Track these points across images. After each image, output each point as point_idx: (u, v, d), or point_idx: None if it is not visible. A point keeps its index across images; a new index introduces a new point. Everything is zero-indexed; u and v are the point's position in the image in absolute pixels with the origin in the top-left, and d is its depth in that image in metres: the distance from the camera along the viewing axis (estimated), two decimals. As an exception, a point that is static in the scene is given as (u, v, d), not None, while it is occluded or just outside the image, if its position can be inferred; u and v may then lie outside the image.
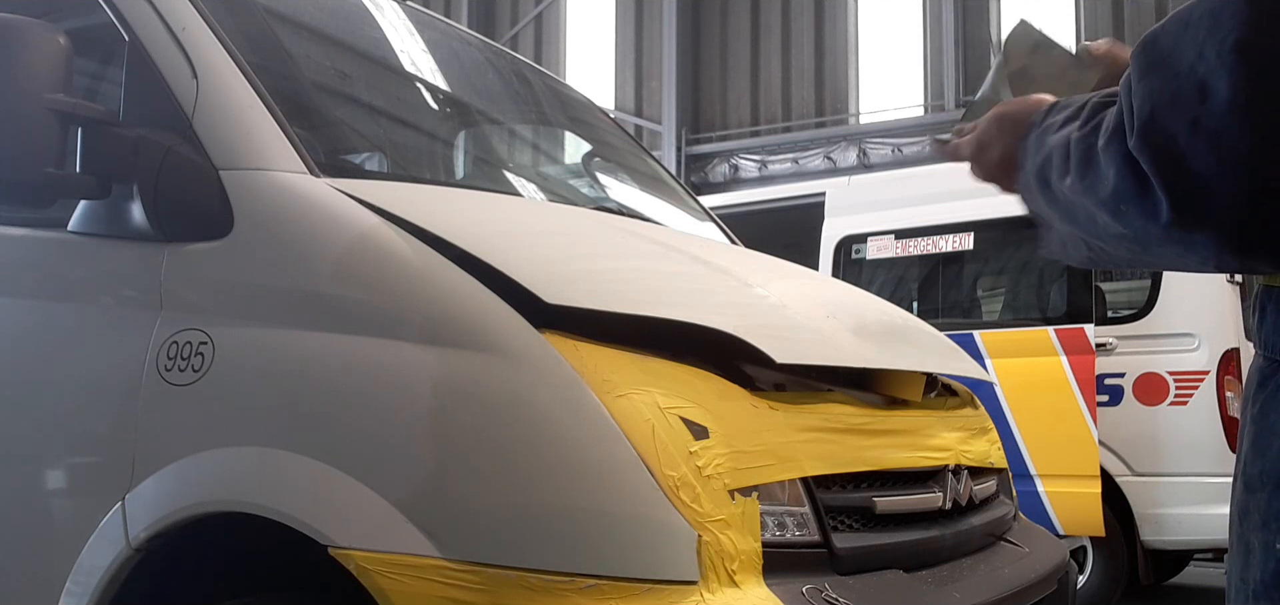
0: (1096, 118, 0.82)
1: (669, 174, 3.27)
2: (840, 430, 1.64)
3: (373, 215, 1.61)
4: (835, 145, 15.45)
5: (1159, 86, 0.73)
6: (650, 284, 1.76)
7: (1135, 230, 0.78)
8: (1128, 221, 0.78)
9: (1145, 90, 0.74)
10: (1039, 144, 0.91)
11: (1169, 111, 0.72)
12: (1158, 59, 0.74)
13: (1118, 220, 0.79)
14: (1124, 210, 0.77)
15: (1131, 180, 0.75)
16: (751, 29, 16.55)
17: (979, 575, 1.79)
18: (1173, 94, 0.72)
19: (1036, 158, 0.90)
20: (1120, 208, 0.77)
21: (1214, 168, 0.70)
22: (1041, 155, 0.89)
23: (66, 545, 1.65)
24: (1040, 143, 0.90)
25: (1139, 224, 0.77)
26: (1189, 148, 0.71)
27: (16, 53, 1.67)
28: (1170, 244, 0.76)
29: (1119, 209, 0.78)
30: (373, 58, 2.52)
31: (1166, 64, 0.73)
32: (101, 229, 1.80)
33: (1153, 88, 0.73)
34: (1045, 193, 0.89)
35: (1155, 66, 0.74)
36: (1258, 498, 0.80)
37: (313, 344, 1.55)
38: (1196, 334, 5.02)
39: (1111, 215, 0.79)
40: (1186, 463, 5.00)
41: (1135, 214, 0.76)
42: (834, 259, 5.99)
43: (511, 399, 1.42)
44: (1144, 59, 0.75)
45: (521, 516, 1.37)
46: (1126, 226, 0.78)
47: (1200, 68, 0.70)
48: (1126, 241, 0.81)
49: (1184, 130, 0.71)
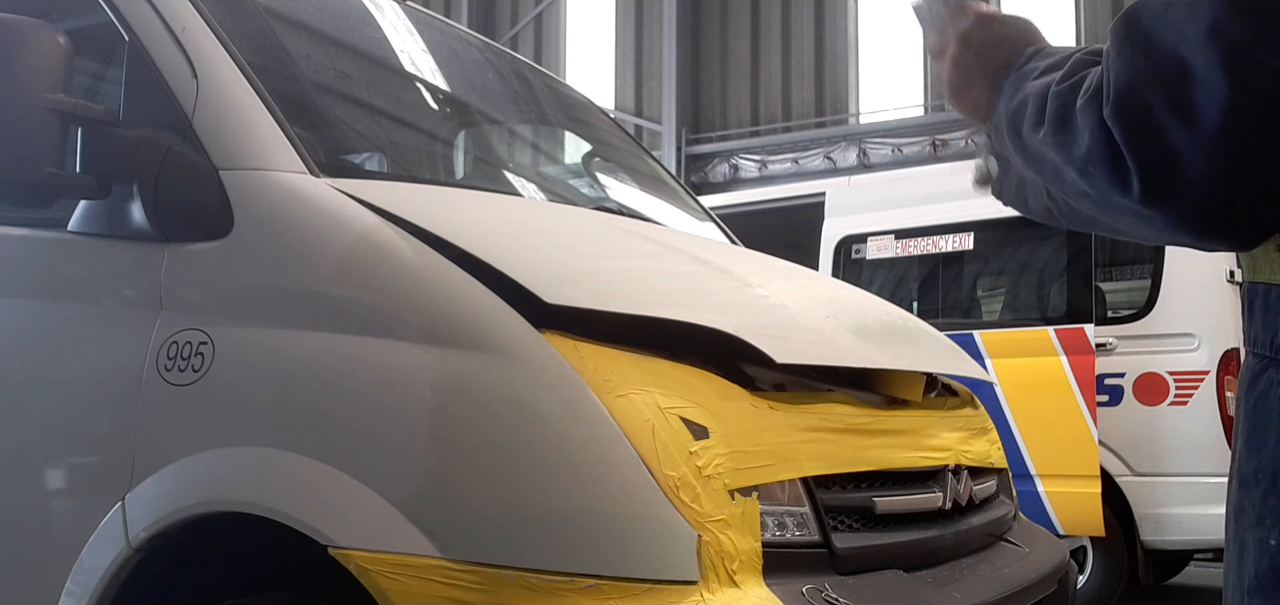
0: (1078, 75, 0.83)
1: (669, 174, 3.27)
2: (840, 430, 1.64)
3: (373, 215, 1.61)
4: (835, 145, 15.45)
5: (1138, 60, 0.74)
6: (650, 284, 1.76)
7: (1099, 192, 0.79)
8: (1094, 184, 0.79)
9: (1123, 62, 0.75)
10: (1016, 87, 0.91)
11: (1145, 86, 0.73)
12: (1139, 34, 0.74)
13: (1084, 180, 0.80)
14: (1092, 173, 0.79)
15: (1104, 146, 0.76)
16: (751, 29, 16.55)
17: (979, 575, 1.79)
18: (1151, 69, 0.73)
19: (1012, 101, 0.90)
20: (1089, 169, 0.79)
21: (1185, 145, 0.71)
22: (1017, 99, 0.90)
23: (66, 545, 1.65)
24: (1017, 86, 0.90)
25: (1103, 188, 0.78)
26: (1163, 123, 0.72)
27: (16, 53, 1.67)
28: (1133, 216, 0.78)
29: (1087, 170, 0.79)
30: (373, 58, 2.52)
31: (1147, 40, 0.73)
32: (101, 229, 1.80)
33: (1131, 60, 0.74)
34: (1014, 138, 0.90)
35: (1135, 41, 0.74)
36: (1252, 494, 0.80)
37: (313, 344, 1.55)
38: (1196, 334, 5.01)
39: (1079, 174, 0.80)
40: (1186, 463, 5.00)
41: (1102, 178, 0.78)
42: (834, 259, 5.99)
43: (511, 399, 1.42)
44: (1124, 32, 0.76)
45: (521, 516, 1.37)
46: (1092, 187, 0.80)
47: (1180, 47, 0.71)
48: (1089, 200, 0.82)
49: (1159, 105, 0.72)
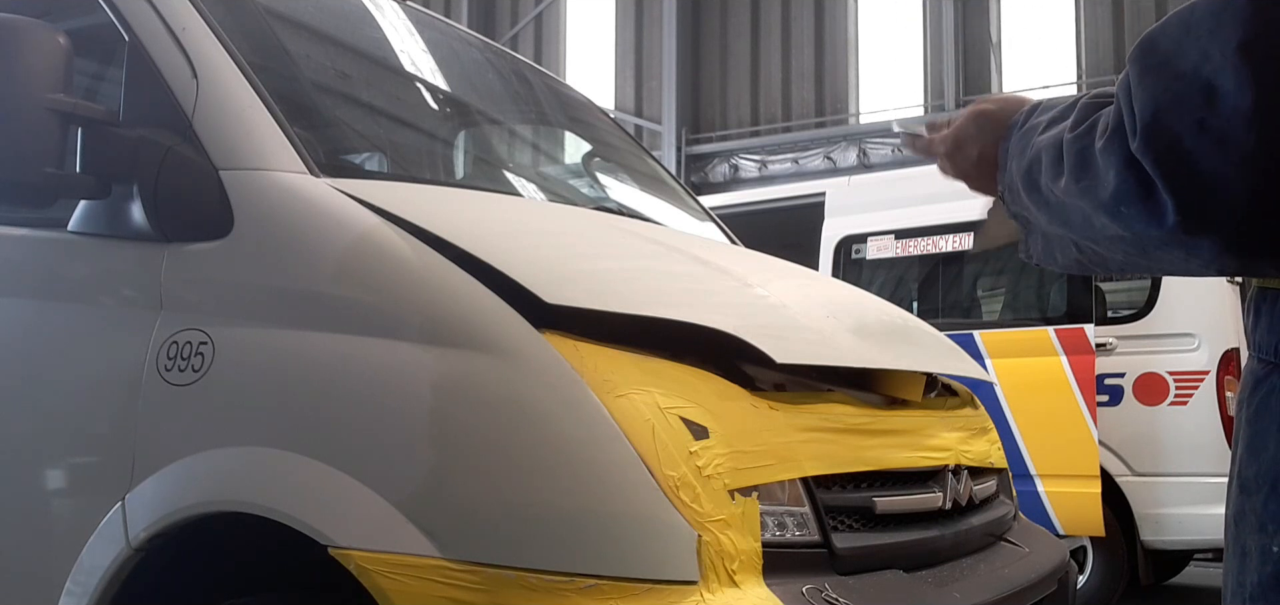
0: (1090, 118, 0.82)
1: (669, 174, 3.27)
2: (840, 430, 1.64)
3: (373, 215, 1.61)
4: (835, 145, 15.45)
5: (1161, 88, 0.72)
6: (650, 284, 1.76)
7: (1135, 232, 0.77)
8: (1127, 224, 0.77)
9: (1146, 92, 0.73)
10: (1023, 144, 0.90)
11: (1173, 113, 0.71)
12: (1159, 61, 0.73)
13: (1117, 222, 0.78)
14: (1124, 213, 0.76)
15: (1134, 182, 0.74)
16: (751, 29, 16.55)
17: (979, 575, 1.79)
18: (1177, 95, 0.71)
19: (1022, 159, 0.89)
20: (1121, 210, 0.76)
21: (1221, 168, 0.69)
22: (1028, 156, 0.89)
23: (66, 545, 1.64)
24: (1025, 143, 0.89)
25: (1140, 226, 0.76)
26: (1196, 148, 0.70)
27: (16, 53, 1.67)
28: (1172, 246, 0.75)
29: (1119, 211, 0.77)
30: (373, 58, 2.52)
31: (1168, 66, 0.72)
32: (101, 229, 1.80)
33: (1155, 90, 0.73)
34: (1033, 195, 0.89)
35: (1156, 69, 0.73)
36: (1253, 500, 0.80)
37: (313, 344, 1.54)
38: (1196, 334, 5.02)
39: (1110, 217, 0.78)
40: (1186, 463, 5.00)
41: (1136, 216, 0.75)
42: (834, 259, 5.99)
43: (511, 399, 1.42)
44: (1143, 61, 0.75)
45: (521, 516, 1.37)
46: (1126, 229, 0.78)
47: (1205, 69, 0.70)
48: (1124, 244, 0.80)
49: (1190, 132, 0.70)
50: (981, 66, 14.88)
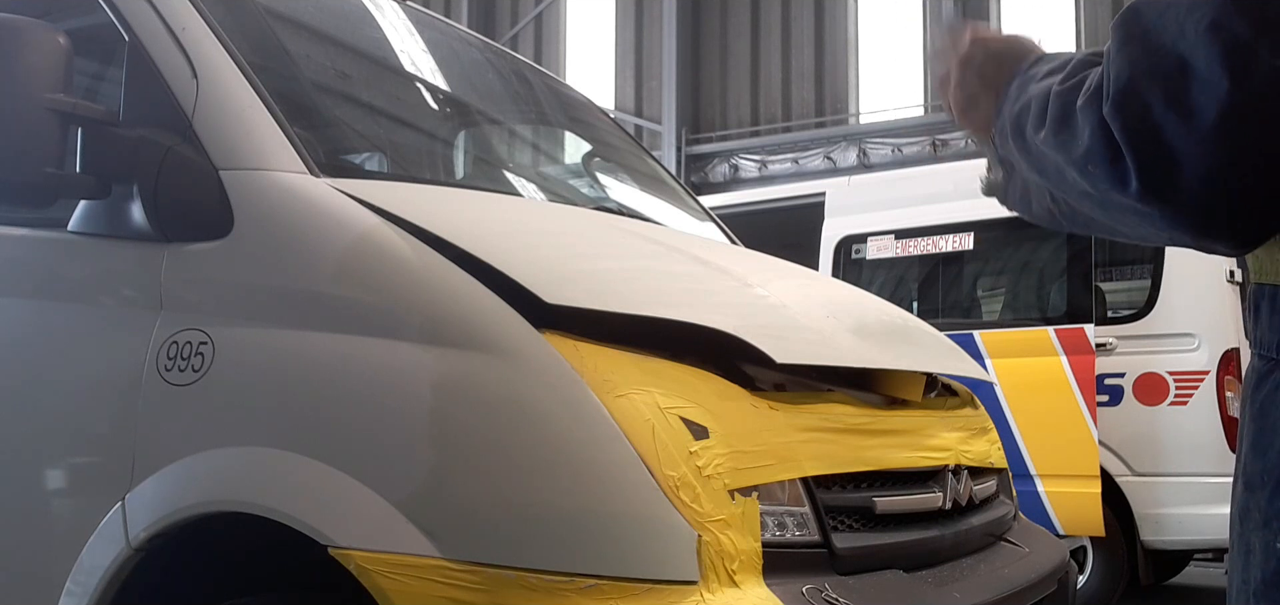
0: (1079, 75, 0.83)
1: (669, 174, 3.27)
2: (840, 430, 1.64)
3: (373, 215, 1.61)
4: (835, 145, 15.45)
5: (1138, 57, 0.74)
6: (650, 284, 1.76)
7: (1100, 192, 0.79)
8: (1094, 182, 0.79)
9: (1124, 59, 0.75)
10: (1021, 91, 0.91)
11: (1145, 83, 0.73)
12: (1139, 31, 0.74)
13: (1085, 179, 0.80)
14: (1092, 171, 0.78)
15: (1103, 144, 0.76)
16: (751, 29, 16.55)
17: (979, 575, 1.79)
18: (1150, 66, 0.73)
19: (1016, 104, 0.91)
20: (1089, 168, 0.79)
21: (1183, 143, 0.71)
22: (1021, 102, 0.89)
23: (66, 545, 1.64)
24: (1022, 89, 0.91)
25: (1104, 186, 0.78)
26: (1162, 120, 0.71)
27: (16, 53, 1.67)
28: (1129, 211, 0.77)
29: (1087, 169, 0.79)
30: (373, 58, 2.52)
31: (1147, 37, 0.74)
32: (101, 229, 1.80)
33: (1132, 57, 0.74)
34: (1018, 140, 0.90)
35: (1135, 38, 0.75)
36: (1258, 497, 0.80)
37: (313, 344, 1.55)
38: (1196, 334, 5.01)
39: (1079, 173, 0.80)
40: (1186, 463, 5.00)
41: (1102, 177, 0.77)
42: (834, 259, 5.99)
43: (511, 399, 1.42)
44: (1124, 30, 0.76)
45: (521, 516, 1.37)
46: (1093, 187, 0.80)
47: (1180, 44, 0.71)
48: (1090, 200, 0.82)
49: (1158, 103, 0.72)
50: (981, 66, 14.86)
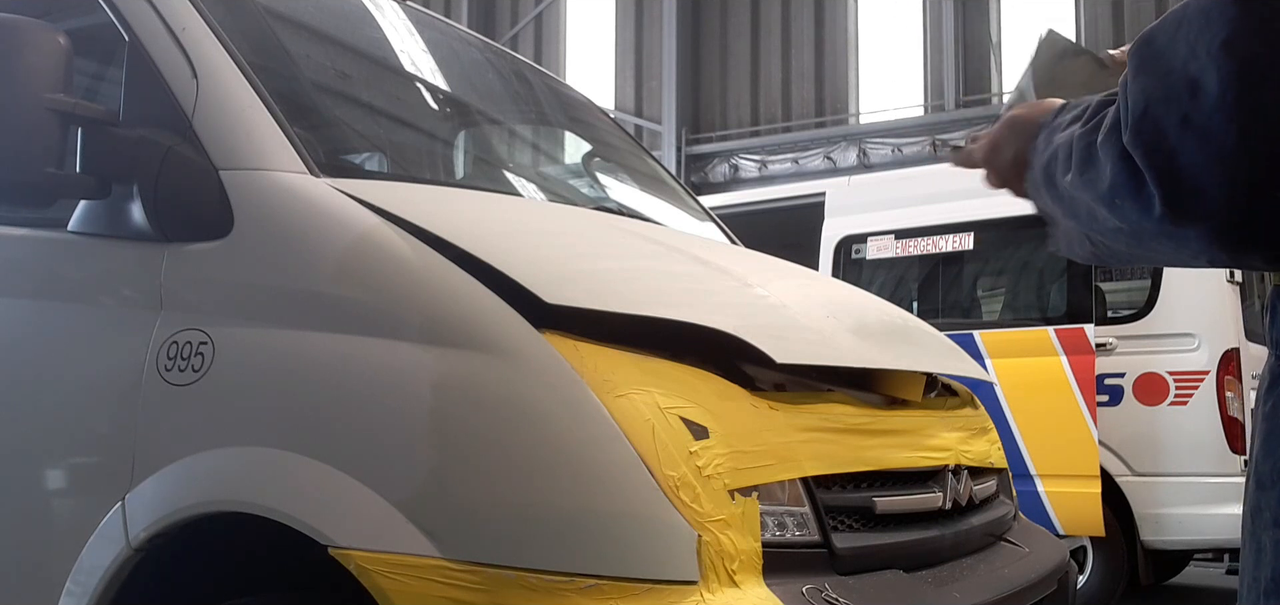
0: (1098, 116, 0.83)
1: (669, 174, 3.27)
2: (840, 430, 1.64)
3: (373, 215, 1.61)
4: (835, 145, 15.45)
5: (1152, 83, 0.74)
6: (650, 284, 1.76)
7: (1130, 224, 0.79)
8: (1123, 215, 0.79)
9: (1139, 87, 0.75)
10: (1047, 143, 0.92)
11: (1161, 108, 0.73)
12: (1152, 57, 0.75)
13: (1114, 214, 0.80)
14: (1119, 204, 0.79)
15: (1126, 175, 0.76)
16: (751, 29, 16.55)
17: (979, 575, 1.79)
18: (1165, 91, 0.73)
19: (1043, 156, 0.92)
20: (1116, 202, 0.79)
21: (1203, 163, 0.71)
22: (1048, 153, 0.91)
23: (66, 545, 1.64)
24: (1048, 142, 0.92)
25: (1134, 218, 0.78)
26: (1179, 143, 0.72)
27: (16, 53, 1.67)
28: (1163, 238, 0.77)
29: (1114, 203, 0.79)
30: (373, 58, 2.52)
31: (1160, 62, 0.74)
32: (101, 229, 1.80)
33: (1146, 85, 0.75)
34: (1050, 190, 0.91)
35: (1149, 64, 0.75)
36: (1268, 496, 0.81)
37: (313, 344, 1.55)
38: (1196, 334, 5.01)
39: (1108, 209, 0.80)
40: (1186, 463, 5.00)
41: (1130, 208, 0.77)
42: (834, 259, 5.99)
43: (511, 399, 1.42)
44: (1139, 57, 0.77)
45: (521, 516, 1.37)
46: (1122, 220, 0.80)
47: (1192, 65, 0.71)
48: (1124, 235, 0.82)
49: (1175, 126, 0.72)
50: (981, 66, 14.87)
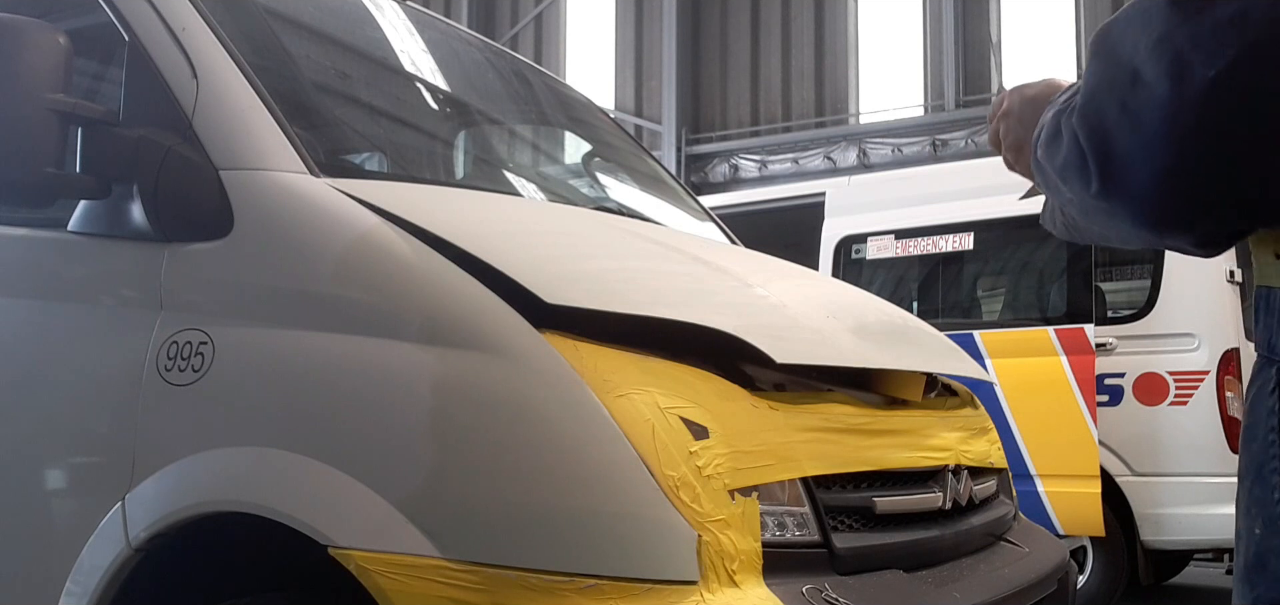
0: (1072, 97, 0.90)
1: (669, 174, 3.27)
2: (840, 430, 1.64)
3: (373, 215, 1.61)
4: (835, 145, 15.46)
5: (1100, 70, 0.82)
6: (650, 284, 1.76)
7: (1077, 196, 0.87)
8: (1072, 187, 0.87)
9: (1091, 72, 0.83)
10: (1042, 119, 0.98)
11: (1105, 93, 0.80)
12: (1104, 47, 0.82)
13: (1066, 185, 0.88)
14: (1068, 178, 0.86)
15: (1075, 151, 0.84)
16: (751, 29, 16.55)
17: (979, 575, 1.79)
18: (1110, 78, 0.80)
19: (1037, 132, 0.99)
20: (1066, 174, 0.87)
21: (1133, 147, 0.77)
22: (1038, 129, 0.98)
23: (66, 545, 1.65)
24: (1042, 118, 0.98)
25: (1078, 190, 0.85)
26: (1115, 127, 0.79)
27: (16, 53, 1.67)
28: (1100, 213, 0.85)
29: (1066, 175, 0.87)
30: (373, 58, 2.52)
31: (1111, 52, 0.81)
32: (101, 229, 1.80)
33: (1097, 70, 0.82)
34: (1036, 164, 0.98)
35: (1100, 53, 0.82)
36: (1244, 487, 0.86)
37: (313, 344, 1.55)
38: (1196, 334, 5.01)
39: (1062, 180, 0.88)
40: (1186, 463, 5.00)
41: (1075, 181, 0.85)
42: (834, 259, 5.99)
43: (511, 399, 1.42)
44: (1094, 45, 0.84)
45: (521, 516, 1.37)
46: (1072, 192, 0.87)
47: (1134, 57, 0.78)
48: (1074, 207, 0.90)
49: (1113, 111, 0.79)
50: (981, 66, 14.87)
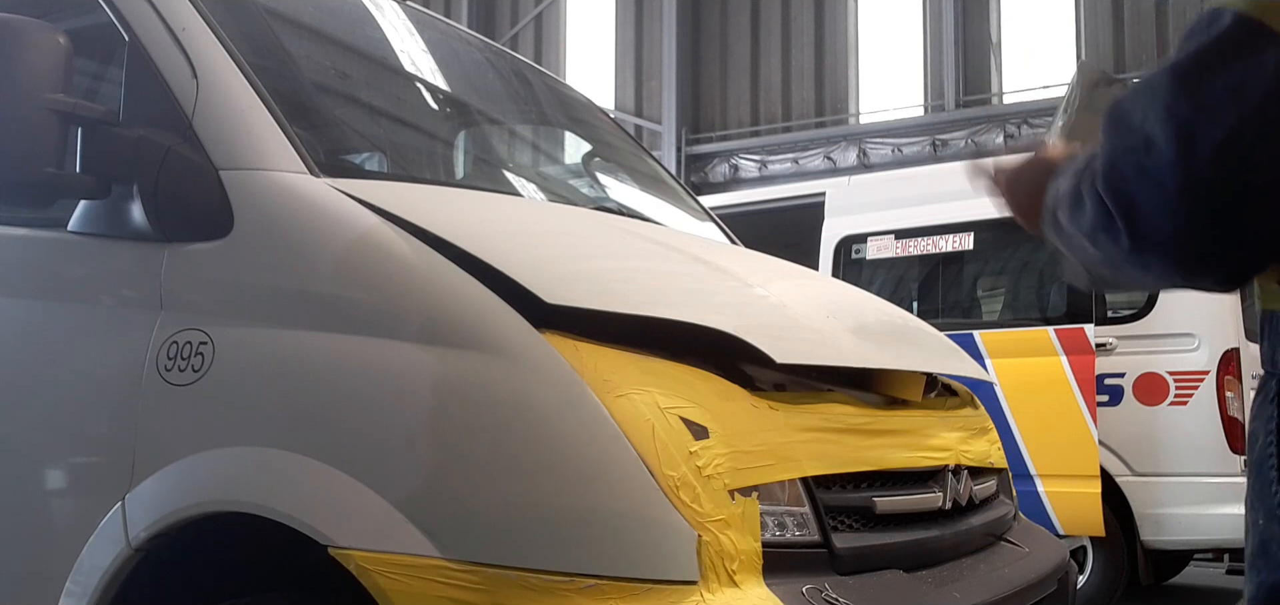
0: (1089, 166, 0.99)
1: (669, 174, 3.27)
2: (840, 430, 1.64)
3: (373, 215, 1.61)
4: (835, 145, 15.44)
5: (1118, 139, 0.92)
6: (650, 284, 1.76)
7: (1107, 255, 0.96)
8: (1101, 247, 0.96)
9: (1109, 144, 0.93)
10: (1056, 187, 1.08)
11: (1124, 160, 0.90)
12: (1119, 118, 0.92)
13: (1095, 247, 0.97)
14: (1098, 238, 0.95)
15: (1102, 214, 0.93)
16: (751, 29, 16.54)
17: (979, 575, 1.79)
18: (1127, 147, 0.90)
19: (1052, 199, 1.08)
20: (1095, 236, 0.96)
21: (1155, 205, 0.87)
22: (1054, 196, 1.07)
23: (66, 545, 1.65)
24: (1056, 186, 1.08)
25: (1109, 250, 0.94)
26: (1137, 189, 0.89)
27: (16, 53, 1.67)
28: (1132, 266, 0.94)
29: (1095, 237, 0.96)
30: (373, 58, 2.52)
31: (1124, 122, 0.91)
32: (101, 229, 1.80)
33: (1114, 141, 0.92)
34: (1056, 229, 1.07)
35: (1116, 124, 0.92)
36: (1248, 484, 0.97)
37: (313, 344, 1.55)
38: (1196, 334, 5.01)
39: (1090, 242, 0.97)
40: (1186, 463, 5.00)
41: (1105, 241, 0.94)
42: (834, 259, 5.99)
43: (512, 399, 1.42)
44: (1109, 119, 0.93)
45: (521, 516, 1.37)
46: (1101, 251, 0.96)
47: (1147, 125, 0.88)
48: (1104, 264, 0.99)
49: (1134, 174, 0.89)
50: (981, 66, 14.87)
